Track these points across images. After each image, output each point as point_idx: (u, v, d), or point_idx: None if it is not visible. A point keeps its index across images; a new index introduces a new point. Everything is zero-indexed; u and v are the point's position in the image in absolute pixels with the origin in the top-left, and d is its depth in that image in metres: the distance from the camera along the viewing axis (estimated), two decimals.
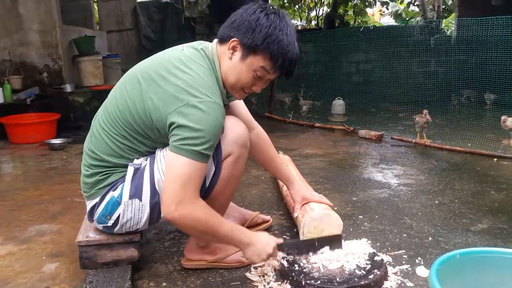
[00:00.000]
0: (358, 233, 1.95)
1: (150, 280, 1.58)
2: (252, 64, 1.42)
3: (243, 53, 1.42)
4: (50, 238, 1.98)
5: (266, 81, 1.50)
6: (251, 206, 2.28)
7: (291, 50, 1.42)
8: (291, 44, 1.41)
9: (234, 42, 1.42)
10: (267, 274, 1.57)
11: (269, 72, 1.45)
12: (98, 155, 1.49)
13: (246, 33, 1.39)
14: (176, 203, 1.30)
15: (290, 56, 1.42)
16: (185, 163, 1.30)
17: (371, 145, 3.87)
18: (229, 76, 1.46)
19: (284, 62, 1.42)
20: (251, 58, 1.41)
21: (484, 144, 3.55)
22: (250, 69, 1.43)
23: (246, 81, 1.46)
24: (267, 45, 1.38)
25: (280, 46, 1.39)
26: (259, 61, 1.41)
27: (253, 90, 1.51)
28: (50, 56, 5.17)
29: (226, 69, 1.46)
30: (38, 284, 1.58)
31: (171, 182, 1.32)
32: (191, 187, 1.32)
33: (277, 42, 1.39)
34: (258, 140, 1.82)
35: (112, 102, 1.49)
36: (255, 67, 1.43)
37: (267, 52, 1.40)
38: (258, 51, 1.40)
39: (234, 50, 1.43)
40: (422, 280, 1.53)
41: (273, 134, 4.24)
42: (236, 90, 1.51)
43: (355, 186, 2.66)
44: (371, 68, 6.87)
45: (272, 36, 1.38)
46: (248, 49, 1.40)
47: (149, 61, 1.50)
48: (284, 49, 1.40)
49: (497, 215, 2.13)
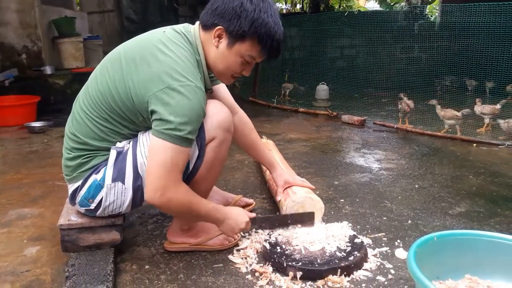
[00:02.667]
0: (339, 216, 1.98)
1: (133, 263, 1.58)
2: (240, 51, 1.42)
3: (230, 41, 1.40)
4: (31, 221, 1.96)
5: (254, 63, 1.50)
6: (234, 190, 2.28)
7: (278, 31, 1.42)
8: (277, 24, 1.41)
9: (219, 30, 1.40)
10: (250, 256, 1.58)
11: (258, 56, 1.45)
12: (80, 138, 1.47)
13: (231, 20, 1.37)
14: (160, 188, 1.30)
15: (277, 37, 1.42)
16: (167, 148, 1.30)
17: (353, 130, 3.91)
18: (218, 64, 1.46)
19: (272, 43, 1.42)
20: (238, 45, 1.41)
21: (465, 129, 3.61)
22: (238, 56, 1.43)
23: (235, 68, 1.46)
24: (255, 30, 1.38)
25: (267, 29, 1.39)
26: (247, 47, 1.41)
27: (243, 75, 1.51)
28: (29, 37, 5.03)
29: (214, 57, 1.45)
30: (19, 267, 1.57)
31: (154, 167, 1.31)
32: (174, 172, 1.32)
33: (264, 25, 1.38)
34: (241, 125, 1.82)
35: (93, 85, 1.46)
36: (243, 53, 1.42)
37: (255, 37, 1.39)
38: (246, 38, 1.39)
39: (220, 38, 1.42)
40: (400, 262, 1.57)
41: (257, 119, 4.25)
42: (225, 77, 1.51)
43: (337, 170, 2.69)
44: (355, 53, 6.88)
45: (259, 20, 1.37)
46: (235, 37, 1.39)
47: (131, 43, 1.48)
48: (271, 31, 1.40)
49: (474, 199, 2.19)
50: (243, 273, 1.50)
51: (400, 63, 5.96)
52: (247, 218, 1.56)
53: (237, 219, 1.54)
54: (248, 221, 1.56)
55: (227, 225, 1.52)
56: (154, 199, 1.32)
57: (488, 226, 1.88)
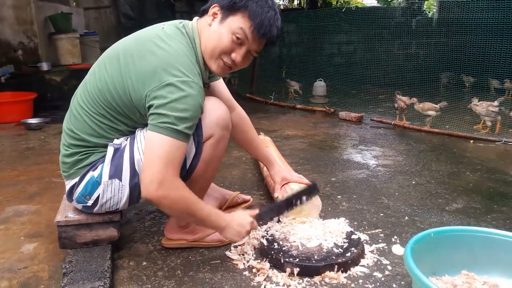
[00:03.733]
0: (337, 212, 1.98)
1: (131, 260, 1.58)
2: (231, 24, 1.39)
3: (223, 16, 1.40)
4: (28, 218, 1.96)
5: (248, 54, 1.44)
6: (231, 187, 2.29)
7: (270, 12, 1.39)
8: (271, 8, 1.40)
9: (215, 8, 1.41)
10: (247, 253, 1.59)
11: (249, 35, 1.39)
12: (78, 135, 1.47)
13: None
14: (156, 182, 1.29)
15: (269, 16, 1.39)
16: (164, 142, 1.29)
17: (351, 127, 3.91)
18: (208, 43, 1.42)
19: (264, 21, 1.38)
20: (230, 19, 1.39)
21: (462, 126, 3.62)
22: (229, 31, 1.39)
23: (225, 45, 1.40)
24: (246, 2, 1.37)
25: (259, 5, 1.38)
26: (238, 20, 1.38)
27: (233, 59, 1.42)
28: (25, 33, 5.00)
29: (206, 38, 1.43)
30: (17, 264, 1.57)
31: (151, 161, 1.30)
32: (171, 167, 1.31)
33: (256, 1, 1.38)
34: (239, 121, 1.82)
35: (92, 81, 1.46)
36: (234, 27, 1.38)
37: (245, 10, 1.38)
38: (237, 10, 1.38)
39: (214, 16, 1.42)
40: (397, 258, 1.58)
41: (254, 115, 4.24)
42: (215, 58, 1.43)
43: (335, 167, 2.69)
44: (353, 49, 6.87)
45: None
46: (227, 10, 1.39)
47: (129, 39, 1.47)
48: (263, 8, 1.38)
49: (471, 195, 2.19)
50: (240, 269, 1.51)
51: (397, 59, 5.95)
52: (249, 218, 1.49)
53: (240, 222, 1.47)
54: (251, 221, 1.49)
55: (233, 231, 1.46)
56: (149, 193, 1.30)
57: (485, 222, 1.88)
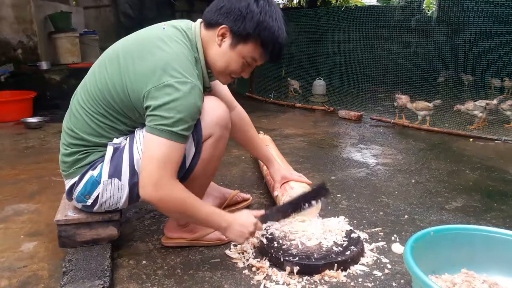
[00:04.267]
0: (336, 211, 1.98)
1: (130, 258, 1.58)
2: (242, 52, 1.41)
3: (233, 41, 1.39)
4: (27, 217, 1.96)
5: (254, 66, 1.49)
6: (231, 185, 2.29)
7: (281, 36, 1.41)
8: (280, 29, 1.41)
9: (224, 29, 1.39)
10: (246, 251, 1.59)
11: (259, 59, 1.44)
12: (78, 134, 1.47)
13: (236, 21, 1.36)
14: (154, 184, 1.29)
15: (280, 41, 1.41)
16: (162, 144, 1.29)
17: (350, 125, 3.91)
18: (218, 62, 1.44)
19: (274, 48, 1.42)
20: (241, 46, 1.40)
21: (461, 124, 3.63)
22: (240, 57, 1.42)
23: (236, 68, 1.45)
24: (259, 33, 1.37)
25: (271, 32, 1.38)
26: (250, 49, 1.40)
27: (241, 76, 1.51)
28: (25, 32, 4.99)
29: (215, 55, 1.44)
30: (16, 263, 1.57)
31: (149, 163, 1.30)
32: (168, 169, 1.31)
33: (268, 29, 1.37)
34: (239, 120, 1.82)
35: (92, 80, 1.46)
36: (245, 54, 1.41)
37: (258, 40, 1.38)
38: (249, 40, 1.38)
39: (223, 37, 1.41)
40: (397, 257, 1.58)
41: (254, 114, 4.24)
42: (223, 76, 1.50)
43: (334, 165, 2.69)
44: (352, 48, 6.87)
45: (264, 23, 1.36)
46: (238, 37, 1.38)
47: (130, 39, 1.47)
48: (275, 35, 1.39)
49: (470, 194, 2.20)
50: (240, 268, 1.51)
51: (397, 58, 5.96)
52: (253, 219, 1.45)
53: (243, 223, 1.44)
54: (255, 221, 1.45)
55: (235, 231, 1.43)
56: (147, 195, 1.31)
57: (484, 220, 1.89)
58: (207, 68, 1.49)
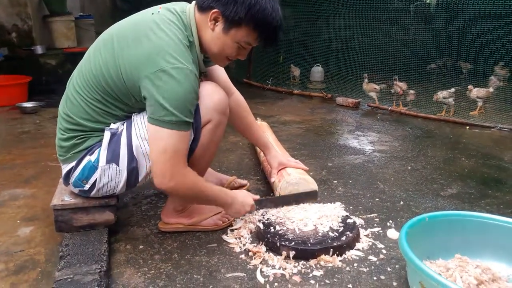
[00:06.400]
0: (332, 197, 1.99)
1: (127, 243, 1.59)
2: (235, 36, 1.39)
3: (226, 25, 1.38)
4: (24, 202, 1.96)
5: (250, 48, 1.48)
6: (228, 172, 2.29)
7: (275, 18, 1.38)
8: (274, 11, 1.37)
9: (215, 13, 1.37)
10: (243, 236, 1.60)
11: (254, 43, 1.43)
12: (74, 119, 1.46)
13: (227, 5, 1.34)
14: (168, 174, 1.33)
15: (275, 24, 1.39)
16: (169, 135, 1.30)
17: (348, 112, 3.91)
18: (212, 46, 1.43)
19: (269, 31, 1.40)
20: (234, 31, 1.38)
21: (458, 112, 3.63)
22: (234, 41, 1.41)
23: (231, 52, 1.44)
24: (251, 16, 1.34)
25: (264, 15, 1.35)
26: (244, 33, 1.39)
27: (238, 58, 1.50)
28: (19, 15, 4.93)
29: (209, 39, 1.42)
30: (13, 247, 1.57)
31: (159, 155, 1.32)
32: (178, 157, 1.34)
33: (261, 12, 1.34)
34: (236, 106, 1.81)
35: (87, 66, 1.45)
36: (239, 39, 1.40)
37: (251, 24, 1.36)
38: (242, 24, 1.36)
39: (216, 21, 1.39)
40: (392, 242, 1.59)
41: (251, 101, 4.22)
42: (220, 59, 1.50)
43: (331, 152, 2.70)
44: (350, 35, 6.81)
45: (256, 6, 1.33)
46: (231, 22, 1.36)
47: (124, 23, 1.45)
48: (268, 17, 1.36)
49: (466, 181, 2.21)
50: (236, 252, 1.52)
51: (395, 45, 5.92)
52: (252, 201, 1.62)
53: (243, 201, 1.58)
54: (253, 204, 1.62)
55: (234, 208, 1.57)
56: (163, 185, 1.35)
57: (479, 207, 1.90)
58: (203, 52, 1.48)
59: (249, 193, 1.66)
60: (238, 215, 1.62)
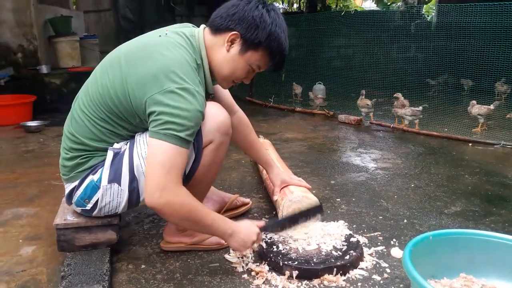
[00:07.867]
0: (336, 215, 1.98)
1: (129, 263, 1.58)
2: (250, 59, 1.45)
3: (243, 47, 1.43)
4: (27, 221, 1.96)
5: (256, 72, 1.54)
6: (231, 189, 2.29)
7: (286, 48, 1.48)
8: (286, 41, 1.48)
9: (234, 35, 1.42)
10: (246, 256, 1.58)
11: (263, 67, 1.50)
12: (78, 139, 1.47)
13: (249, 28, 1.40)
14: (160, 189, 1.27)
15: (285, 53, 1.48)
16: (167, 149, 1.28)
17: (350, 130, 3.92)
18: (224, 67, 1.47)
19: (280, 58, 1.48)
20: (250, 53, 1.44)
21: (460, 129, 3.63)
22: (246, 63, 1.46)
23: (240, 74, 1.49)
24: (269, 43, 1.42)
25: (279, 44, 1.45)
26: (258, 57, 1.45)
27: (243, 81, 1.55)
28: (25, 36, 5.01)
29: (221, 60, 1.46)
30: (15, 267, 1.57)
31: (154, 168, 1.29)
32: (174, 173, 1.30)
33: (277, 40, 1.44)
34: (239, 124, 1.82)
35: (94, 86, 1.46)
36: (252, 62, 1.46)
37: (267, 49, 1.44)
38: (259, 48, 1.43)
39: (232, 43, 1.44)
40: (396, 261, 1.58)
41: (254, 118, 4.24)
42: (227, 82, 1.54)
43: (334, 169, 2.69)
44: (352, 53, 6.89)
45: (274, 34, 1.42)
46: (249, 45, 1.43)
47: (132, 44, 1.47)
48: (282, 46, 1.46)
49: (470, 198, 2.20)
50: (239, 272, 1.50)
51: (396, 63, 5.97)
52: (257, 229, 1.48)
53: (247, 232, 1.45)
54: (258, 232, 1.48)
55: (239, 240, 1.44)
56: (152, 201, 1.29)
57: (483, 225, 1.89)
58: (211, 74, 1.51)
59: (252, 222, 1.52)
60: (242, 248, 1.47)
